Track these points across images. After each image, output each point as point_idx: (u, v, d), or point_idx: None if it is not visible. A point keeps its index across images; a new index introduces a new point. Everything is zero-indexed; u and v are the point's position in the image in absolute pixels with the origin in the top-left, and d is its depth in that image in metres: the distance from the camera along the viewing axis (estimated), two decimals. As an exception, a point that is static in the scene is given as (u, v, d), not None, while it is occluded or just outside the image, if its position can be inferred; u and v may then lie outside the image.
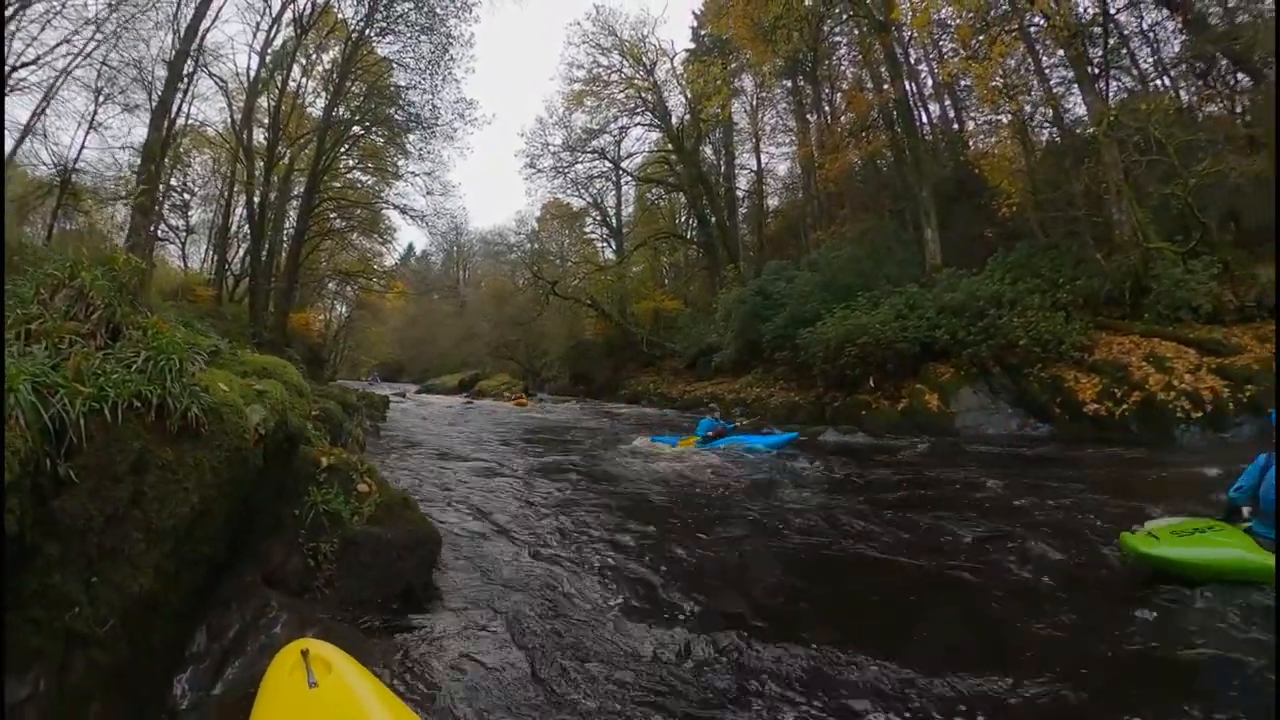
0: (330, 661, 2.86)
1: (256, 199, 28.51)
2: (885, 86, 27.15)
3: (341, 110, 31.33)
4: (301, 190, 31.68)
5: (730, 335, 27.09)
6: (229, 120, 30.77)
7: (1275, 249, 11.19)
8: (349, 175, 37.35)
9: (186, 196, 35.17)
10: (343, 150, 33.63)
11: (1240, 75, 20.27)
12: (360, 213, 37.41)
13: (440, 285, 76.55)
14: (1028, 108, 24.38)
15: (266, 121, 29.56)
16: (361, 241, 40.93)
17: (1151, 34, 22.85)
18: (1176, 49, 22.51)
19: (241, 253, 34.82)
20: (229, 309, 28.79)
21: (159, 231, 30.27)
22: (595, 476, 11.15)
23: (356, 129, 33.24)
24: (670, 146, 38.52)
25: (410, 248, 72.89)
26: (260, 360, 6.03)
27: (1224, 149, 16.95)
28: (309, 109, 33.33)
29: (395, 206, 36.40)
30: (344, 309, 55.82)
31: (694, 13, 40.99)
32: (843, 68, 33.58)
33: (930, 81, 30.50)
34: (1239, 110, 20.25)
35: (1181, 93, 22.64)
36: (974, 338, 17.16)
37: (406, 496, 5.58)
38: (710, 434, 15.10)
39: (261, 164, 28.53)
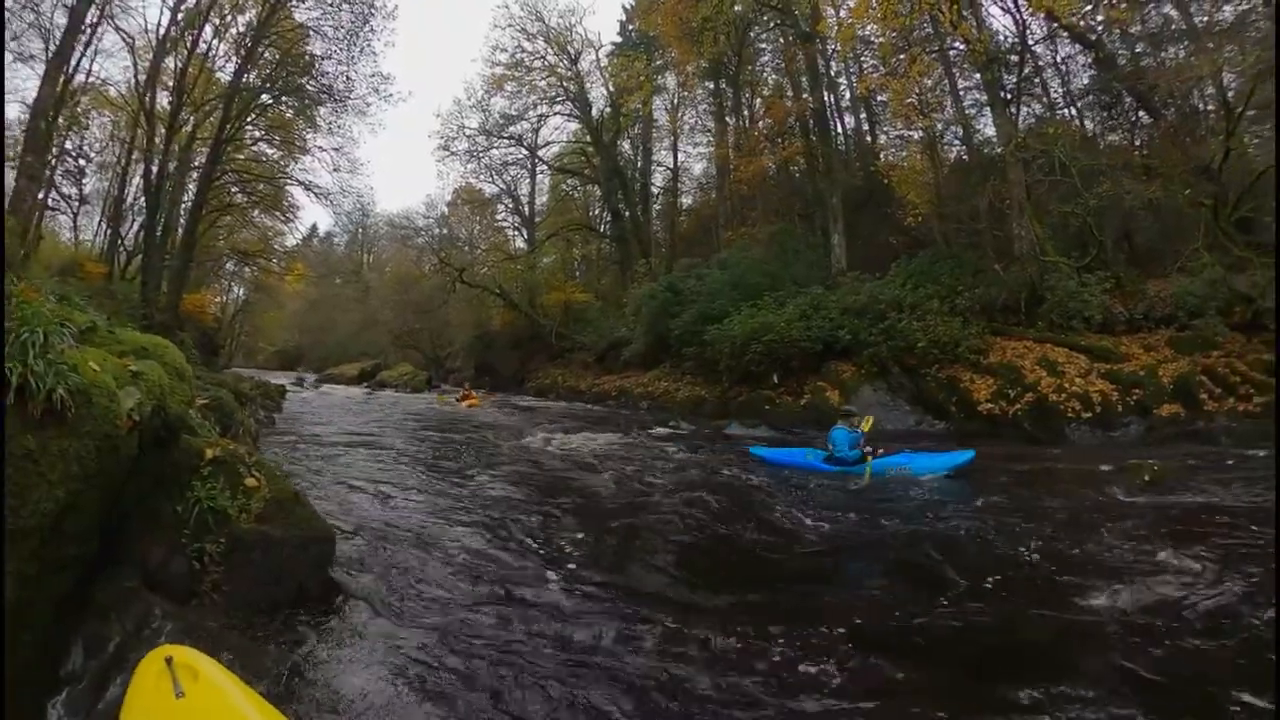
0: (197, 669, 2.69)
1: (155, 168, 26.76)
2: (805, 95, 27.62)
3: (252, 77, 29.69)
4: (203, 161, 29.82)
5: (640, 330, 27.07)
6: (133, 80, 28.83)
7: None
8: (254, 147, 35.11)
9: (81, 162, 32.97)
10: (249, 120, 31.65)
11: (1141, 112, 21.63)
12: (263, 188, 35.41)
13: (343, 268, 74.01)
14: (939, 126, 25.35)
15: (172, 84, 27.85)
16: (262, 219, 38.95)
17: (1063, 66, 24.16)
18: (1085, 81, 23.92)
19: (136, 227, 32.76)
20: (120, 287, 27.03)
21: (49, 200, 28.27)
22: (495, 469, 10.87)
23: (265, 98, 31.31)
24: (589, 138, 38.12)
25: (314, 228, 70.10)
26: (139, 339, 5.58)
27: (1122, 175, 18.07)
28: (218, 73, 31.08)
29: (300, 183, 34.72)
30: (241, 291, 53.65)
31: (624, 7, 41.22)
32: (765, 74, 34.16)
33: (848, 94, 31.31)
34: (1138, 142, 21.68)
35: (1086, 122, 24.07)
36: (875, 339, 17.76)
37: (297, 492, 5.18)
38: (859, 452, 10.38)
39: (163, 130, 26.80)
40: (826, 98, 28.09)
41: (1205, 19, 19.75)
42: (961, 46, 21.47)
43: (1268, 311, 14.24)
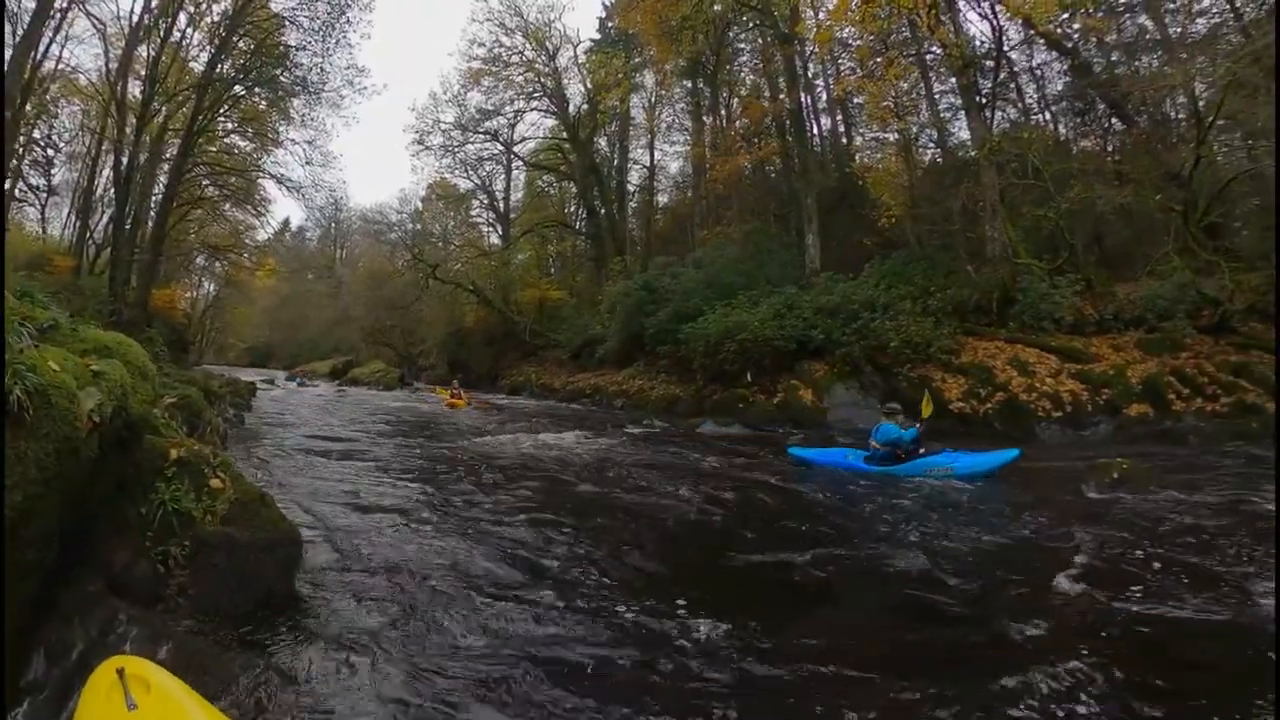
0: (150, 680, 2.57)
1: (125, 159, 26.19)
2: (782, 96, 27.69)
3: (226, 67, 29.04)
4: (174, 153, 29.30)
5: (614, 328, 26.99)
6: (104, 68, 28.32)
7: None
8: (226, 139, 34.70)
9: (50, 152, 32.37)
10: (222, 111, 31.05)
11: (1114, 119, 22.01)
12: (235, 181, 34.74)
13: (315, 264, 73.42)
14: (915, 128, 25.54)
15: (144, 73, 27.20)
16: (234, 213, 38.30)
17: (1039, 72, 24.50)
18: (1059, 88, 24.30)
19: (105, 219, 32.14)
20: (89, 282, 26.57)
21: (16, 191, 27.62)
22: (467, 469, 10.67)
23: (239, 89, 30.71)
24: (565, 135, 38.05)
25: (286, 222, 69.10)
26: (102, 337, 5.41)
27: (1094, 180, 18.25)
28: (191, 63, 30.48)
29: (272, 176, 34.23)
30: (212, 287, 52.80)
31: (603, 4, 41.03)
32: (743, 74, 34.21)
33: (825, 95, 31.48)
34: (1110, 148, 22.09)
35: (1060, 127, 24.44)
36: (848, 338, 17.79)
37: (263, 493, 4.99)
38: (900, 447, 10.07)
39: (134, 120, 26.16)
40: (803, 99, 28.14)
41: (1179, 31, 20.18)
42: (938, 51, 21.73)
43: (1235, 314, 14.58)
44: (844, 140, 31.43)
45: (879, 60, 22.60)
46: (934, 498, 8.61)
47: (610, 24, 38.72)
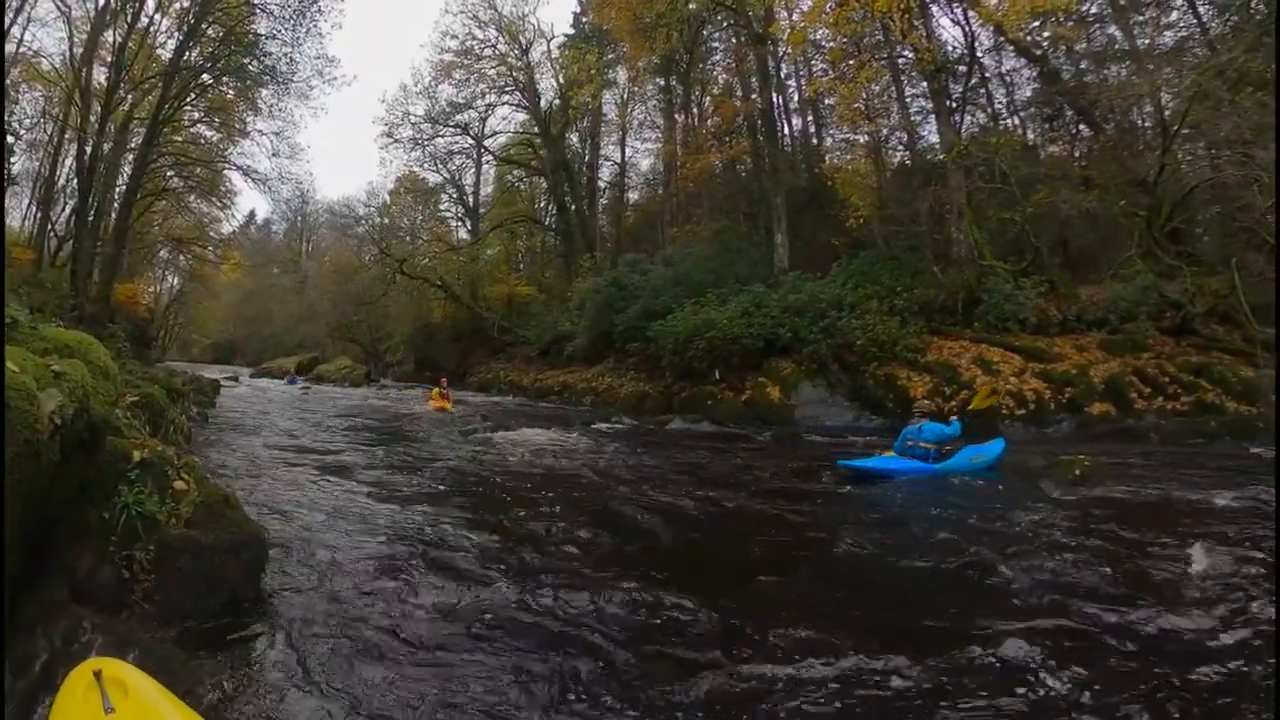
0: (127, 683, 2.50)
1: (89, 148, 25.45)
2: (754, 96, 27.76)
3: (194, 55, 28.34)
4: (139, 142, 28.53)
5: (584, 324, 26.82)
6: (68, 53, 27.52)
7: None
8: (193, 129, 33.89)
9: (10, 140, 31.33)
10: (189, 100, 30.32)
11: (1082, 125, 22.44)
12: (200, 172, 34.21)
13: (281, 258, 72.40)
14: (884, 131, 25.74)
15: (110, 59, 26.53)
16: (199, 205, 37.45)
17: (1008, 78, 24.97)
18: (1028, 94, 24.75)
19: (68, 210, 31.22)
20: (49, 275, 25.82)
21: None
22: (436, 467, 10.48)
23: (207, 77, 29.94)
24: (536, 130, 37.84)
25: (251, 214, 67.86)
26: (63, 336, 5.21)
27: (1060, 185, 18.56)
28: (159, 50, 29.65)
29: (238, 167, 33.60)
30: (176, 281, 51.86)
31: (579, -1, 40.69)
32: (715, 73, 34.33)
33: (796, 96, 31.66)
34: (1077, 154, 22.46)
35: (1028, 132, 24.83)
36: (815, 336, 17.85)
37: (228, 494, 4.85)
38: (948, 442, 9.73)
39: (99, 108, 25.47)
40: (775, 99, 28.27)
41: (1147, 42, 20.62)
42: (910, 55, 21.82)
43: (1196, 317, 14.88)
44: (814, 141, 31.65)
45: (851, 62, 22.73)
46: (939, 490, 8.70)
47: (584, 19, 38.56)
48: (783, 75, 30.17)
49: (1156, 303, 15.48)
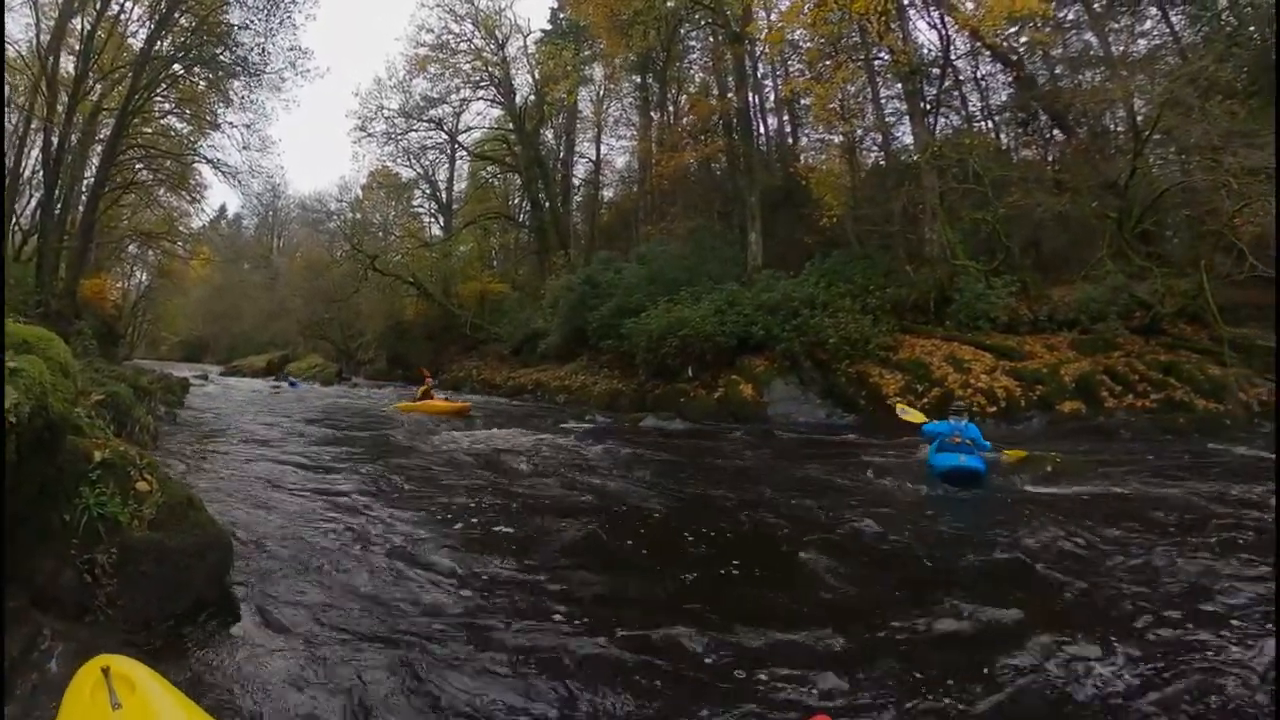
0: (134, 680, 2.52)
1: (55, 139, 24.61)
2: (730, 95, 27.81)
3: (165, 44, 27.49)
4: (107, 134, 27.74)
5: (557, 322, 26.62)
6: (34, 40, 26.58)
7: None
8: (163, 121, 32.99)
9: None
10: (159, 91, 29.53)
11: (1055, 129, 22.72)
12: (170, 165, 33.06)
13: (251, 253, 71.34)
14: (859, 131, 25.90)
15: (78, 48, 25.67)
16: (168, 199, 36.44)
17: (983, 82, 25.17)
18: (1003, 98, 24.92)
19: (33, 204, 30.36)
20: (14, 270, 25.17)
21: None
22: (406, 467, 10.33)
23: (178, 68, 29.05)
24: (511, 126, 37.45)
25: (222, 209, 66.59)
26: (20, 331, 5.01)
27: (1033, 187, 18.73)
28: (129, 38, 28.63)
29: (208, 161, 32.63)
30: (144, 277, 50.87)
31: (557, -6, 40.42)
32: (692, 71, 34.26)
33: (772, 95, 31.58)
34: (1050, 158, 22.71)
35: (1002, 135, 25.01)
36: (788, 334, 17.92)
37: (191, 496, 4.74)
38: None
39: (66, 98, 24.63)
40: (751, 98, 28.19)
41: (1121, 49, 20.94)
42: (886, 57, 21.95)
43: (1165, 317, 15.11)
44: (789, 140, 31.69)
45: (828, 63, 22.83)
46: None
47: (562, 15, 38.30)
48: (759, 75, 30.10)
49: (1126, 303, 15.67)
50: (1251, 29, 17.37)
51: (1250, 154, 13.23)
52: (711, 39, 30.25)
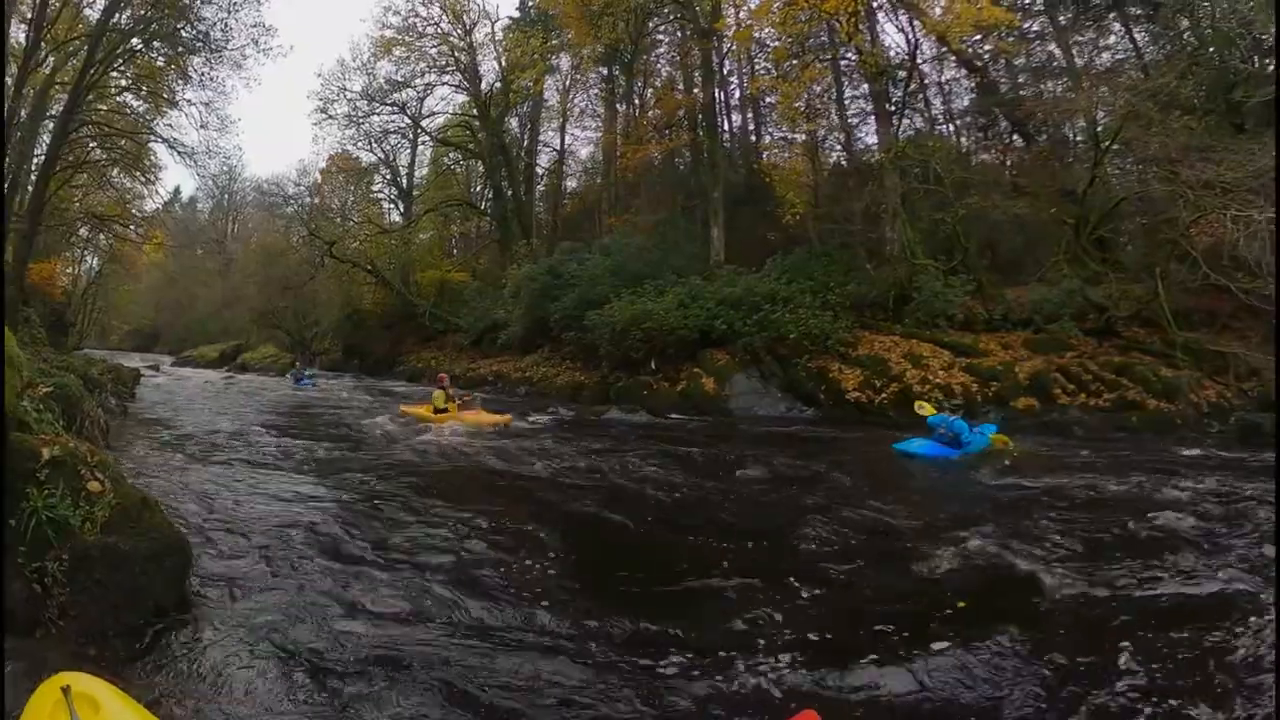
0: (98, 700, 2.37)
1: (3, 114, 23.56)
2: (696, 90, 27.84)
3: (124, 17, 26.43)
4: (59, 109, 26.65)
5: (519, 313, 26.41)
6: None
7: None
8: (118, 98, 31.55)
9: None
10: (116, 66, 28.33)
11: (1015, 135, 23.26)
12: (124, 144, 31.89)
13: (205, 238, 69.67)
14: (823, 131, 26.03)
15: (30, 17, 24.41)
16: (122, 179, 34.96)
17: (947, 86, 25.67)
18: (966, 103, 25.38)
19: None
20: None
21: None
22: (364, 461, 10.32)
23: (136, 42, 27.81)
24: (475, 112, 36.98)
25: (176, 191, 64.59)
26: None
27: (993, 190, 19.20)
28: (86, 9, 27.43)
29: (164, 140, 31.47)
30: (95, 262, 49.30)
31: (526, -19, 40.08)
32: (659, 65, 34.12)
33: (738, 92, 31.60)
34: (1009, 163, 23.27)
35: (963, 139, 25.38)
36: (749, 329, 18.12)
37: (146, 496, 4.57)
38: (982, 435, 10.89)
39: (15, 69, 23.58)
40: (717, 94, 28.30)
41: (1084, 61, 21.54)
42: (853, 58, 22.11)
43: (1119, 320, 15.48)
44: (753, 138, 31.86)
45: (795, 62, 22.95)
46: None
47: (531, 3, 37.86)
48: (725, 71, 30.16)
49: (1080, 305, 16.05)
50: (1211, 49, 17.84)
51: (1206, 168, 13.62)
52: (680, 33, 30.21)
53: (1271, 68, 16.70)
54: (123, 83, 30.59)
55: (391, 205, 45.84)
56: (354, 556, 5.59)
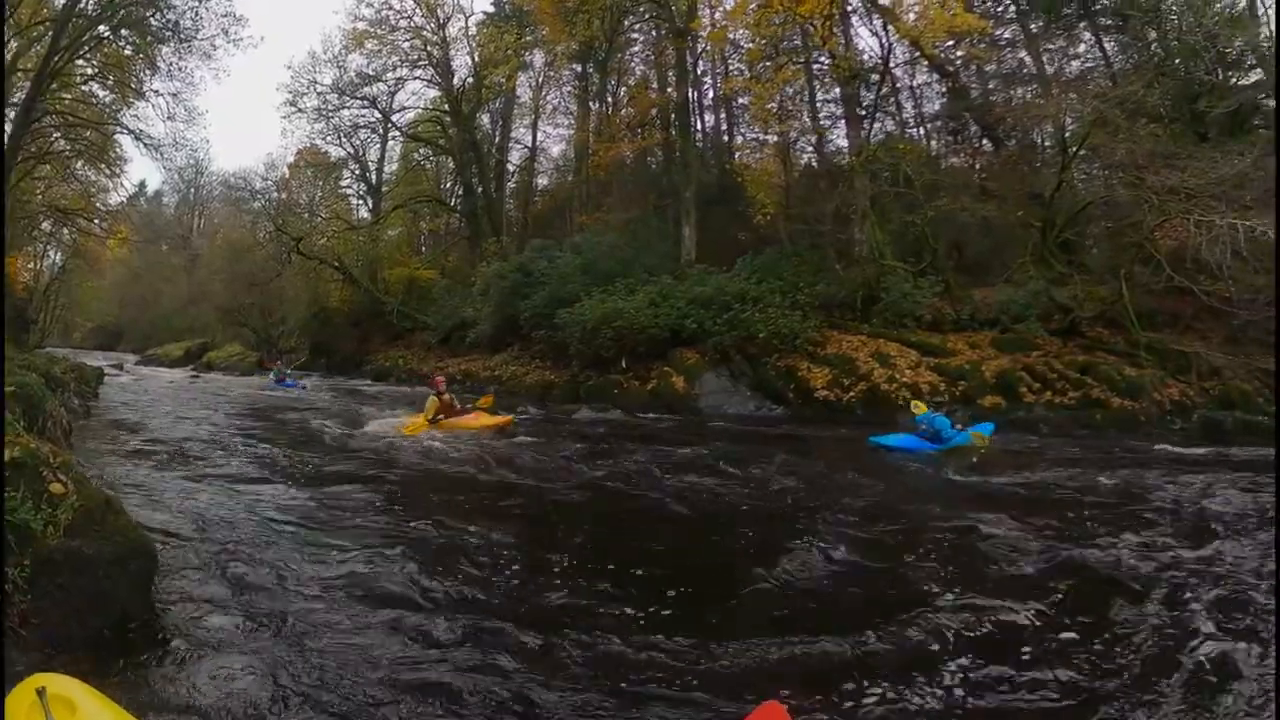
0: (74, 700, 2.34)
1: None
2: (669, 89, 27.83)
3: (91, 3, 25.92)
4: (22, 97, 25.72)
5: (488, 311, 26.24)
6: None
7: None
8: (84, 87, 30.77)
9: None
10: (82, 54, 27.66)
11: (985, 140, 23.45)
12: (90, 134, 31.00)
13: (171, 233, 68.48)
14: (794, 133, 26.13)
15: None
16: (86, 172, 33.97)
17: (918, 91, 25.79)
18: (937, 107, 25.55)
19: None
20: None
21: None
22: (331, 460, 10.14)
23: (103, 29, 27.27)
24: (447, 108, 36.47)
25: (142, 185, 63.30)
26: None
27: (961, 193, 19.41)
28: None
29: (130, 131, 30.71)
30: (58, 257, 48.26)
31: (502, -24, 39.84)
32: (634, 64, 34.03)
33: (711, 93, 31.63)
34: (978, 166, 23.53)
35: (933, 142, 25.66)
36: (719, 328, 18.17)
37: (110, 498, 4.40)
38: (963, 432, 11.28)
39: None
40: (691, 94, 28.23)
41: (1054, 69, 21.92)
42: (826, 61, 22.22)
43: (1083, 320, 15.75)
44: (725, 138, 31.84)
45: (768, 64, 23.02)
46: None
47: (506, -2, 37.88)
48: (699, 72, 30.15)
49: (1046, 306, 16.30)
50: (1178, 60, 18.25)
51: (1170, 174, 13.93)
52: (654, 32, 30.22)
53: (1234, 80, 17.22)
54: (89, 71, 29.79)
55: (360, 201, 45.22)
56: (326, 560, 5.47)
